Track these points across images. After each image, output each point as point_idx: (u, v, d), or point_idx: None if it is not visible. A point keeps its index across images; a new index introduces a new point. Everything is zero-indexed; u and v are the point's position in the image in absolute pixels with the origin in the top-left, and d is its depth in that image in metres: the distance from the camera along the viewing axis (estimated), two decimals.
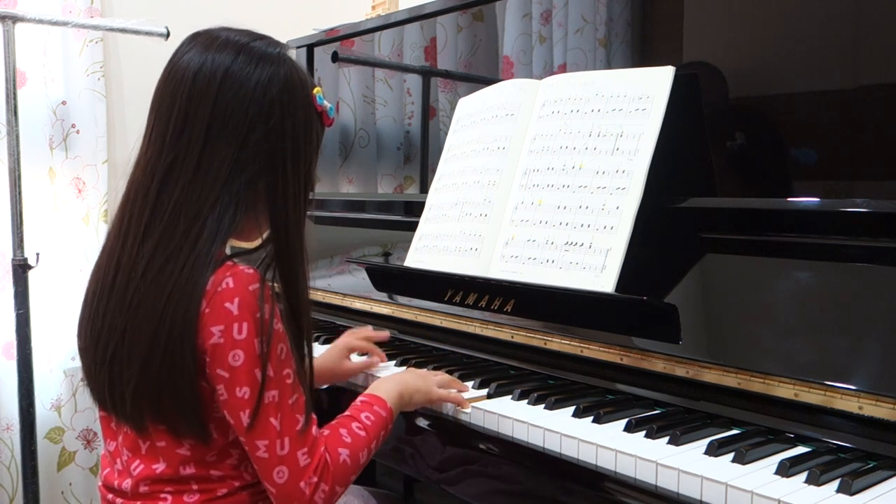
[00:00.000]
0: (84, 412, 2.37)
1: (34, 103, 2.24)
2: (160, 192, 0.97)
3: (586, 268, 1.22)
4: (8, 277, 2.02)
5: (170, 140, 0.98)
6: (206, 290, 0.92)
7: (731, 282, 1.17)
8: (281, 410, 0.95)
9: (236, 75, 0.98)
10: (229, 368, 0.93)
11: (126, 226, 0.99)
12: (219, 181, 0.96)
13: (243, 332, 0.92)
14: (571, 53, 1.55)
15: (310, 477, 0.95)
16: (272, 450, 0.94)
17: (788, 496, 0.83)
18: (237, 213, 0.97)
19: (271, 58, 1.00)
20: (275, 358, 0.94)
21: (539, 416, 1.09)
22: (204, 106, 0.97)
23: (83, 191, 2.33)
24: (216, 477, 1.00)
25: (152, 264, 0.95)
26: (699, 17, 1.36)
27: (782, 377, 1.00)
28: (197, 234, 0.95)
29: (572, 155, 1.32)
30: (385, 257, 1.79)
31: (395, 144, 2.00)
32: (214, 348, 0.93)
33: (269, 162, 0.99)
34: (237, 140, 0.97)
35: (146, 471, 0.99)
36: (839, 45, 1.18)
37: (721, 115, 1.33)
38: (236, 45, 1.00)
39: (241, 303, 0.93)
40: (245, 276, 0.95)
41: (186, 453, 0.98)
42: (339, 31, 2.11)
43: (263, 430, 0.94)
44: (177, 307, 0.92)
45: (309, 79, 1.06)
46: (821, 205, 1.14)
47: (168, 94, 1.00)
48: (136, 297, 0.95)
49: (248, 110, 0.97)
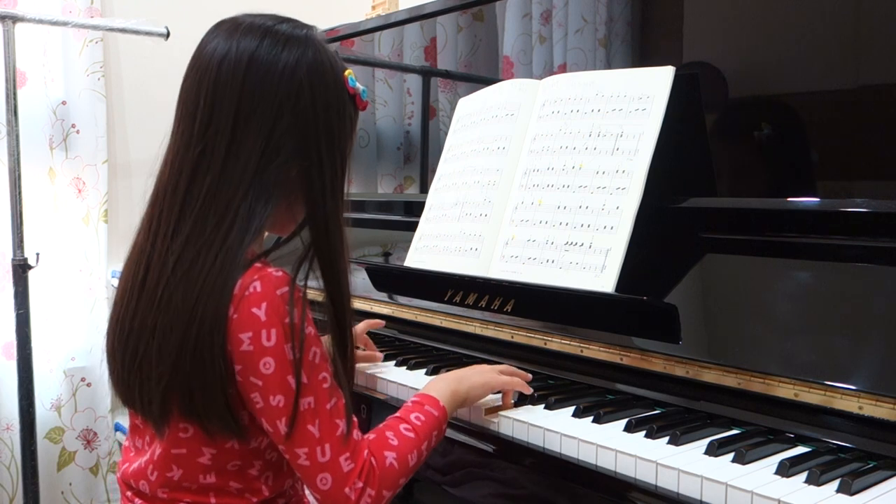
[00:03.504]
0: (84, 412, 2.37)
1: (34, 103, 2.24)
2: (189, 187, 0.93)
3: (586, 268, 1.22)
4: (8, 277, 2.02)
5: (197, 132, 0.94)
6: (233, 294, 0.89)
7: (731, 282, 1.17)
8: (319, 416, 0.91)
9: (262, 59, 0.93)
10: (262, 377, 0.89)
11: (156, 224, 0.95)
12: (249, 171, 0.92)
13: (272, 338, 0.89)
14: (571, 53, 1.55)
15: (354, 482, 0.91)
16: (313, 457, 0.91)
17: (788, 496, 0.83)
18: (269, 203, 0.94)
19: (298, 40, 0.96)
20: (307, 363, 0.91)
21: (539, 416, 1.09)
22: (230, 93, 0.93)
23: (83, 191, 2.33)
24: (235, 490, 0.98)
25: (182, 260, 0.91)
26: (699, 17, 1.36)
27: (782, 377, 1.00)
28: (228, 228, 0.91)
29: (572, 155, 1.32)
30: (385, 257, 1.79)
31: (395, 144, 1.99)
32: (244, 356, 0.89)
33: (301, 148, 0.95)
34: (266, 127, 0.93)
35: (161, 478, 0.98)
36: (839, 45, 1.18)
37: (721, 115, 1.33)
38: (261, 28, 0.95)
39: (269, 308, 0.89)
40: (273, 279, 0.91)
41: (207, 462, 0.96)
42: (339, 31, 2.11)
43: (302, 438, 0.91)
44: (207, 304, 0.89)
45: (340, 61, 1.01)
46: (821, 205, 1.14)
47: (193, 86, 0.96)
48: (167, 294, 0.91)
49: (277, 95, 0.93)
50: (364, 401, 1.31)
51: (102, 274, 2.35)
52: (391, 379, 1.30)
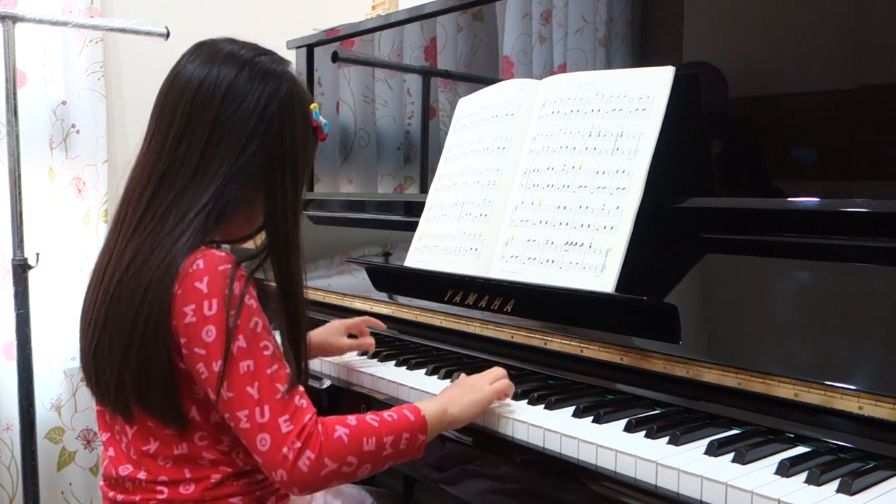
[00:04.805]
0: (84, 412, 2.37)
1: (34, 103, 2.24)
2: (155, 194, 1.01)
3: (586, 268, 1.22)
4: (8, 277, 2.02)
5: (170, 145, 1.02)
6: (178, 272, 0.96)
7: (731, 282, 1.17)
8: (258, 379, 0.95)
9: (240, 89, 1.02)
10: (204, 345, 0.95)
11: (120, 224, 1.03)
12: (213, 186, 1.00)
13: (213, 308, 0.95)
14: (571, 53, 1.55)
15: (292, 442, 0.94)
16: (252, 418, 0.95)
17: (788, 496, 0.83)
18: (225, 211, 1.01)
19: (275, 74, 1.05)
20: (246, 329, 0.96)
21: (539, 416, 1.09)
22: (206, 116, 1.01)
23: (83, 191, 2.33)
24: (208, 461, 1.02)
25: (136, 259, 0.98)
26: (699, 17, 1.36)
27: (782, 377, 1.00)
28: (182, 230, 0.99)
29: (572, 155, 1.32)
30: (385, 257, 1.79)
31: (395, 144, 2.00)
32: (188, 328, 0.95)
33: (266, 171, 1.03)
34: (235, 149, 1.01)
35: (139, 452, 1.02)
36: (839, 45, 1.18)
37: (721, 115, 1.33)
38: (241, 59, 1.04)
39: (211, 281, 0.95)
40: (216, 257, 0.97)
41: (174, 433, 1.01)
42: (339, 31, 2.11)
43: (241, 400, 0.95)
44: (154, 296, 0.96)
45: (308, 95, 1.10)
46: (821, 205, 1.14)
47: (171, 101, 1.04)
48: (118, 290, 0.98)
49: (249, 123, 1.02)
50: (364, 401, 1.31)
51: None
52: (391, 379, 1.30)
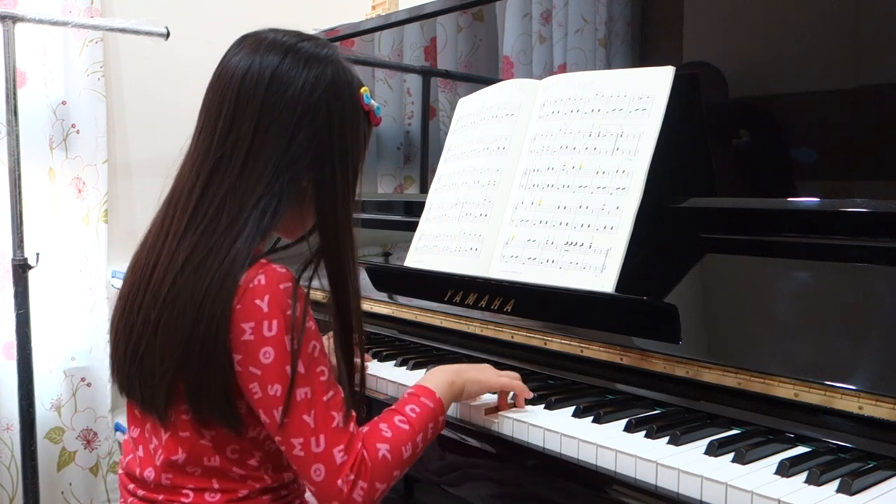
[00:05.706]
0: (84, 412, 2.37)
1: (34, 103, 2.24)
2: (205, 191, 0.98)
3: (586, 268, 1.22)
4: (8, 277, 2.02)
5: (217, 140, 0.99)
6: (238, 286, 0.92)
7: (731, 282, 1.17)
8: (314, 407, 0.93)
9: (284, 76, 0.99)
10: (261, 366, 0.92)
11: (168, 223, 0.99)
12: (263, 179, 0.97)
13: (273, 328, 0.92)
14: (571, 53, 1.55)
15: (347, 474, 0.93)
16: (307, 447, 0.93)
17: (788, 496, 0.83)
18: (279, 209, 0.98)
19: (319, 58, 1.01)
20: (306, 355, 0.94)
21: (539, 416, 1.09)
22: (251, 106, 0.98)
23: (83, 191, 2.33)
24: (238, 476, 1.00)
25: (191, 259, 0.95)
26: (699, 17, 1.36)
27: (782, 377, 1.00)
28: (239, 230, 0.95)
29: (572, 155, 1.32)
30: (385, 257, 1.79)
31: (395, 144, 2.00)
32: (246, 345, 0.92)
33: (315, 160, 0.99)
34: (284, 139, 0.98)
35: (166, 461, 0.99)
36: (839, 45, 1.18)
37: (721, 115, 1.33)
38: (284, 45, 1.01)
39: (272, 300, 0.92)
40: (277, 274, 0.94)
41: (208, 444, 0.98)
42: (339, 31, 2.11)
43: (297, 428, 0.93)
44: (215, 302, 0.92)
45: (356, 78, 1.07)
46: (821, 205, 1.14)
47: (216, 96, 1.01)
48: (173, 292, 0.94)
49: (295, 110, 0.98)
50: (364, 401, 1.31)
51: (102, 274, 2.35)
52: (391, 379, 1.30)
